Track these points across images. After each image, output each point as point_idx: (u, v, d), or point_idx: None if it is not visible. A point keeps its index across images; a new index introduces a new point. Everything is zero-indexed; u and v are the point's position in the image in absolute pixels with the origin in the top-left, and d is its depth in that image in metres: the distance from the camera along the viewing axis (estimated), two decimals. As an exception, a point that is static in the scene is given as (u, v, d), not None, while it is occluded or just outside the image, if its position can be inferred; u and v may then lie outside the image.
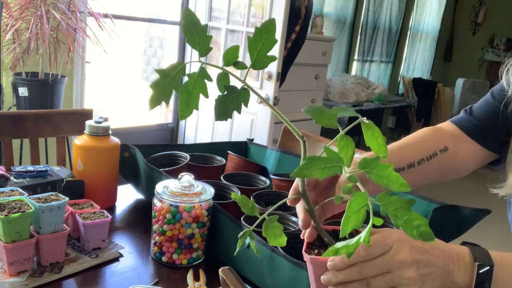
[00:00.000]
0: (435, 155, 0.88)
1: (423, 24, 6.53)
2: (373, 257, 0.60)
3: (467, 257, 0.64)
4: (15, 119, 1.53)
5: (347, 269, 0.60)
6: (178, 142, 3.64)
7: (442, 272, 0.61)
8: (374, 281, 0.60)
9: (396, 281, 0.60)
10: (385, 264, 0.60)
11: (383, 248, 0.60)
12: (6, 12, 2.25)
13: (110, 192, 1.25)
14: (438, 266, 0.61)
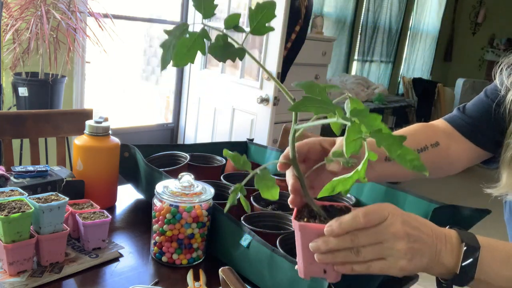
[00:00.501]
0: (425, 149, 0.89)
1: (423, 24, 6.53)
2: (370, 225, 0.60)
3: (454, 239, 0.64)
4: (15, 119, 1.53)
5: (339, 237, 0.60)
6: (178, 142, 3.64)
7: (431, 250, 0.62)
8: (364, 250, 0.60)
9: (386, 253, 0.60)
10: (378, 234, 0.60)
11: (379, 217, 0.60)
12: (6, 12, 2.25)
13: (110, 192, 1.25)
14: (427, 243, 0.62)
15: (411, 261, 0.60)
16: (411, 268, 0.61)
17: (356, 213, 0.60)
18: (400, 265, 0.60)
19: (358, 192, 1.22)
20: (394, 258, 0.60)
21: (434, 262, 0.63)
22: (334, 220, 0.61)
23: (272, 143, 2.76)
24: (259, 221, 1.05)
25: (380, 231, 0.60)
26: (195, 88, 3.36)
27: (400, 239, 0.60)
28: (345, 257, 0.61)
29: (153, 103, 5.21)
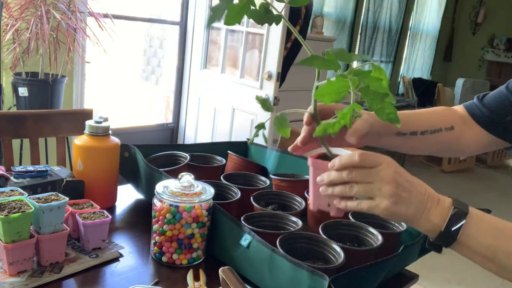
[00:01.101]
0: (439, 131, 0.93)
1: (423, 24, 6.53)
2: (364, 165, 0.68)
3: (447, 203, 0.71)
4: (15, 119, 1.53)
5: (339, 171, 0.70)
6: (178, 142, 3.64)
7: (418, 204, 0.69)
8: (356, 187, 0.69)
9: (374, 192, 0.68)
10: (370, 174, 0.68)
11: (374, 162, 0.69)
12: (6, 12, 2.25)
13: (110, 192, 1.25)
14: (416, 197, 0.69)
15: (395, 205, 0.67)
16: (394, 211, 0.68)
17: (355, 153, 0.68)
18: (384, 205, 0.68)
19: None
20: (380, 198, 0.68)
21: (421, 217, 0.69)
22: (337, 157, 0.70)
23: (272, 143, 2.76)
24: (259, 221, 1.05)
25: (372, 172, 0.68)
26: (195, 88, 3.36)
27: (388, 183, 0.67)
28: (341, 191, 0.70)
29: (153, 103, 5.21)
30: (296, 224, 1.04)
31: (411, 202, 0.68)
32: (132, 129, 3.50)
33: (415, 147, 0.93)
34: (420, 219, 0.70)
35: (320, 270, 0.80)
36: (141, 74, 5.83)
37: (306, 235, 0.99)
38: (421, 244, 1.01)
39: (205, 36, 3.24)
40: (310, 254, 0.96)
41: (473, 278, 2.97)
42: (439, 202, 0.70)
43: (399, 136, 0.89)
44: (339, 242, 0.97)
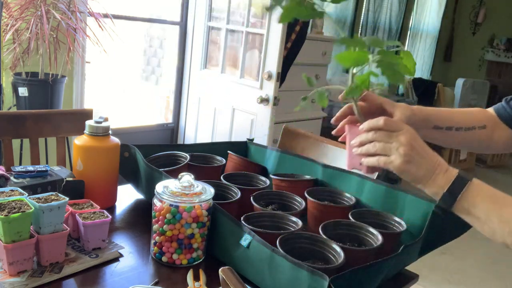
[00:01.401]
0: (473, 129, 1.04)
1: (423, 24, 6.53)
2: (387, 128, 0.81)
3: (454, 172, 0.81)
4: (15, 119, 1.53)
5: (367, 132, 0.84)
6: (178, 142, 3.64)
7: (428, 168, 0.80)
8: (378, 145, 0.82)
9: (392, 151, 0.81)
10: (390, 136, 0.81)
11: (395, 127, 0.82)
12: (6, 12, 2.25)
13: (110, 192, 1.25)
14: (427, 162, 0.81)
15: (407, 164, 0.80)
16: (406, 169, 0.80)
17: (381, 118, 0.82)
18: (398, 162, 0.80)
19: (358, 192, 1.23)
20: (396, 156, 0.80)
21: (428, 180, 0.81)
22: (366, 121, 0.84)
23: (272, 143, 2.76)
24: (259, 221, 1.05)
25: (392, 135, 0.81)
26: (195, 88, 3.36)
27: (404, 145, 0.80)
28: (367, 149, 0.83)
29: (153, 103, 5.21)
30: (296, 224, 1.04)
31: (422, 165, 0.80)
32: (132, 129, 3.50)
33: (449, 141, 1.05)
34: (428, 181, 0.81)
35: (320, 270, 0.80)
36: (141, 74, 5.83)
37: (306, 235, 0.99)
38: (421, 244, 1.01)
39: (205, 36, 3.24)
40: (310, 254, 0.96)
41: (473, 278, 2.97)
42: (447, 171, 0.81)
43: (436, 130, 1.00)
44: (339, 242, 0.97)
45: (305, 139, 1.68)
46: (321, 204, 1.16)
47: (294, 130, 1.77)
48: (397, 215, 1.13)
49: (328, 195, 1.24)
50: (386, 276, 0.95)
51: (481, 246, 3.40)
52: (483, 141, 1.06)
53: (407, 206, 1.13)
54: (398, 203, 1.15)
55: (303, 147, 1.70)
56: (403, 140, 0.80)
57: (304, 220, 1.15)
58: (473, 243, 3.38)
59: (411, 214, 1.12)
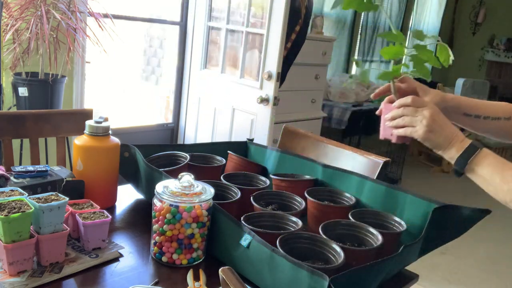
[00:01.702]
0: (498, 119, 1.15)
1: (423, 24, 6.52)
2: (414, 105, 0.97)
3: (468, 142, 0.95)
4: (15, 119, 1.53)
5: (397, 108, 0.99)
6: (178, 142, 3.63)
7: (446, 138, 0.96)
8: (406, 118, 0.97)
9: (417, 123, 0.96)
10: (416, 111, 0.96)
11: (421, 103, 0.97)
12: (6, 12, 2.25)
13: (110, 192, 1.25)
14: (445, 132, 0.96)
15: (429, 133, 0.95)
16: (427, 137, 0.95)
17: (409, 96, 0.99)
18: (422, 131, 0.95)
19: (358, 192, 1.23)
20: (420, 126, 0.95)
21: (446, 147, 0.96)
22: (397, 100, 1.00)
23: (272, 143, 2.76)
24: (259, 221, 1.05)
25: (418, 110, 0.97)
26: (195, 88, 3.36)
27: (427, 118, 0.95)
28: (397, 122, 0.99)
29: (153, 103, 5.21)
30: (296, 224, 1.04)
31: (441, 134, 0.95)
32: (132, 129, 3.50)
33: (476, 128, 1.17)
34: (446, 148, 0.96)
35: (320, 270, 0.80)
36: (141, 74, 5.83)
37: (306, 235, 0.99)
38: (421, 244, 1.01)
39: (205, 36, 3.24)
40: (310, 254, 0.96)
41: (473, 278, 2.97)
42: (463, 141, 0.95)
43: (466, 116, 1.13)
44: (339, 242, 0.97)
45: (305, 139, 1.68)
46: (321, 204, 1.16)
47: (294, 130, 1.77)
48: (397, 215, 1.13)
49: (328, 195, 1.24)
50: (386, 276, 0.95)
51: (481, 246, 3.40)
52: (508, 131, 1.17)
53: (407, 206, 1.13)
54: (398, 203, 1.15)
55: (303, 147, 1.70)
56: (426, 114, 0.95)
57: (304, 220, 1.15)
58: (473, 243, 3.38)
59: (411, 214, 1.12)
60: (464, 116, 1.13)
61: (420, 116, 0.96)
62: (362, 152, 1.55)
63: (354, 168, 1.47)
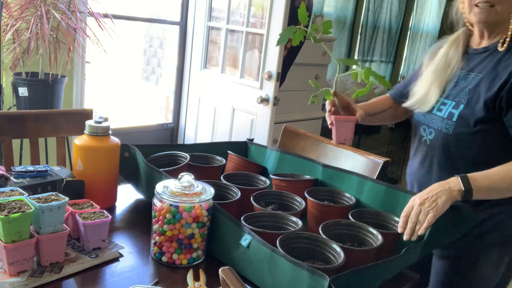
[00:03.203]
0: (384, 111, 1.49)
1: (423, 24, 6.52)
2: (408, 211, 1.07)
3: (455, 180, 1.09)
4: (15, 119, 1.53)
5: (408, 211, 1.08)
6: (178, 142, 3.63)
7: (444, 192, 1.06)
8: (413, 216, 1.05)
9: (426, 213, 1.03)
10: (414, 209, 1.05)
11: (410, 206, 1.07)
12: (6, 12, 2.25)
13: (110, 192, 1.25)
14: (439, 191, 1.06)
15: (437, 206, 1.04)
16: (441, 208, 1.04)
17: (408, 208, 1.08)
18: (434, 213, 1.03)
19: (358, 193, 1.23)
20: (431, 212, 1.03)
21: (450, 195, 1.06)
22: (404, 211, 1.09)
23: (272, 143, 2.76)
24: (259, 221, 1.05)
25: (414, 207, 1.06)
26: (195, 88, 3.36)
27: (421, 204, 1.05)
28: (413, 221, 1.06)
29: (153, 103, 5.21)
30: (296, 224, 1.04)
31: (440, 196, 1.05)
32: (132, 129, 3.50)
33: (377, 121, 1.51)
34: (452, 195, 1.06)
35: (320, 270, 0.80)
36: (141, 74, 5.83)
37: (306, 235, 0.99)
38: (422, 246, 1.01)
39: (205, 36, 3.24)
40: (310, 254, 0.96)
41: (473, 278, 2.96)
42: (451, 183, 1.08)
43: (369, 116, 1.42)
44: (339, 242, 0.97)
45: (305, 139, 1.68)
46: (321, 204, 1.16)
47: (294, 130, 1.77)
48: (397, 215, 1.13)
49: (328, 195, 1.24)
50: (386, 276, 0.95)
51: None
52: (393, 116, 1.52)
53: (407, 206, 1.13)
54: (398, 203, 1.15)
55: (303, 147, 1.70)
56: (417, 201, 1.06)
57: (304, 220, 1.15)
58: (473, 243, 3.38)
59: (411, 214, 1.12)
60: (368, 116, 1.41)
61: (419, 208, 1.05)
62: (362, 152, 1.55)
63: (354, 168, 1.47)
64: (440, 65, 1.30)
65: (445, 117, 1.23)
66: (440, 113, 1.25)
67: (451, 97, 1.25)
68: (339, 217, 1.11)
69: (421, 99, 1.30)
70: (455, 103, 1.22)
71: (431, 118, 1.28)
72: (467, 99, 1.20)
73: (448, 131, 1.22)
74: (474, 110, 1.17)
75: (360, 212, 1.14)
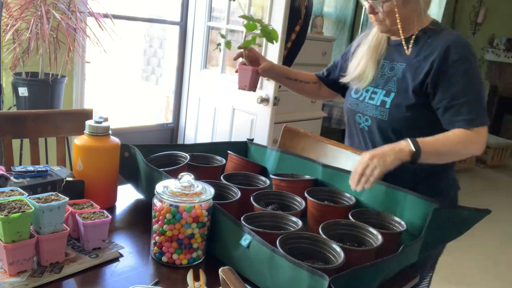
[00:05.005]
0: (307, 83, 1.65)
1: (423, 24, 6.52)
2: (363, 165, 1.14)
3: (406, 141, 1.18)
4: (15, 119, 1.53)
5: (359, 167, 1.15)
6: (178, 142, 3.63)
7: (392, 152, 1.15)
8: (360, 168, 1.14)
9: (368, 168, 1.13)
10: (363, 163, 1.14)
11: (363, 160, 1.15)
12: (6, 12, 2.25)
13: (110, 192, 1.25)
14: (387, 151, 1.15)
15: (385, 163, 1.13)
16: (388, 165, 1.13)
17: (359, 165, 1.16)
18: (380, 168, 1.12)
19: (358, 193, 1.22)
20: (378, 168, 1.12)
21: (398, 154, 1.15)
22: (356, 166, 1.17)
23: (272, 143, 2.76)
24: (259, 221, 1.05)
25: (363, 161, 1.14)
26: (195, 88, 3.36)
27: (371, 158, 1.13)
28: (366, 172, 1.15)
29: (153, 103, 5.21)
30: (296, 224, 1.04)
31: (388, 155, 1.14)
32: (132, 129, 3.50)
33: (295, 89, 1.66)
34: (400, 156, 1.15)
35: (320, 270, 0.80)
36: (141, 74, 5.83)
37: (306, 235, 0.99)
38: (421, 244, 1.01)
39: (205, 36, 3.25)
40: (310, 254, 0.96)
41: (473, 278, 2.97)
42: (401, 144, 1.17)
43: (288, 80, 1.61)
44: (339, 242, 0.97)
45: (305, 139, 1.68)
46: (321, 204, 1.16)
47: (294, 130, 1.76)
48: (397, 215, 1.13)
49: (328, 195, 1.24)
50: (386, 276, 0.95)
51: (481, 246, 3.40)
52: (314, 91, 1.68)
53: (407, 206, 1.13)
54: (398, 203, 1.15)
55: (303, 147, 1.70)
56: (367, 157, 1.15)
57: (304, 220, 1.15)
58: (473, 243, 3.38)
59: (411, 214, 1.12)
60: (287, 79, 1.60)
61: (367, 161, 1.13)
62: (362, 152, 1.55)
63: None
64: (373, 43, 1.42)
65: (378, 105, 1.35)
66: (373, 102, 1.37)
67: (381, 86, 1.37)
68: (339, 217, 1.11)
69: (359, 75, 1.42)
70: (385, 92, 1.35)
71: (365, 106, 1.39)
72: (397, 88, 1.33)
73: (383, 117, 1.34)
74: (405, 97, 1.30)
75: (360, 212, 1.14)
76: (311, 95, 1.74)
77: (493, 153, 5.52)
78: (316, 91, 1.68)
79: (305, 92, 1.70)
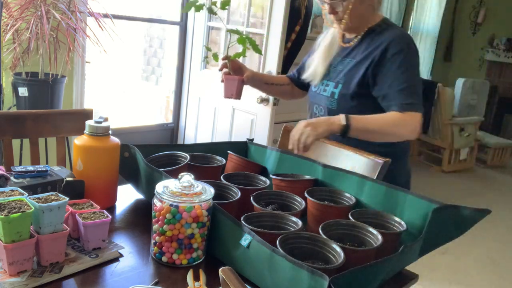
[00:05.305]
0: (281, 85, 1.82)
1: (423, 24, 6.52)
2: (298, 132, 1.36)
3: (341, 116, 1.37)
4: (15, 119, 1.53)
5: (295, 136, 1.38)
6: (178, 142, 3.64)
7: (325, 123, 1.36)
8: (296, 134, 1.36)
9: (303, 135, 1.34)
10: (298, 130, 1.35)
11: (297, 128, 1.36)
12: (6, 12, 2.25)
13: (110, 192, 1.25)
14: (321, 121, 1.36)
15: (317, 132, 1.34)
16: (319, 135, 1.34)
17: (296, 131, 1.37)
18: (312, 137, 1.33)
19: (358, 192, 1.22)
20: (310, 136, 1.33)
21: (330, 126, 1.35)
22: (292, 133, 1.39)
23: (272, 143, 2.76)
24: (259, 221, 1.05)
25: (298, 129, 1.35)
26: (195, 88, 3.36)
27: (305, 126, 1.34)
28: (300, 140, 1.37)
29: (153, 103, 5.21)
30: (296, 224, 1.04)
31: (319, 125, 1.35)
32: (132, 129, 3.50)
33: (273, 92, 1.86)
34: (331, 127, 1.35)
35: (320, 270, 0.80)
36: (141, 74, 5.83)
37: (306, 235, 0.99)
38: (421, 244, 1.01)
39: (205, 36, 3.25)
40: (310, 254, 0.96)
41: (473, 278, 2.97)
42: (335, 119, 1.37)
43: (266, 85, 1.77)
44: (339, 242, 0.97)
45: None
46: (321, 204, 1.16)
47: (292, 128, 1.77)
48: (397, 215, 1.13)
49: (328, 195, 1.24)
50: (386, 276, 0.95)
51: (481, 246, 3.40)
52: (289, 92, 1.84)
53: (407, 206, 1.13)
54: (398, 203, 1.15)
55: (303, 147, 1.70)
56: (302, 124, 1.34)
57: (304, 220, 1.15)
58: (473, 243, 3.38)
59: (411, 214, 1.12)
60: (265, 84, 1.76)
61: (300, 129, 1.33)
62: (362, 152, 1.55)
63: (354, 168, 1.46)
64: (328, 42, 1.59)
65: (329, 96, 1.54)
66: (325, 93, 1.56)
67: (332, 79, 1.56)
68: (339, 217, 1.11)
69: (311, 73, 1.61)
70: (335, 84, 1.53)
71: (320, 98, 1.59)
72: (344, 80, 1.50)
73: (333, 107, 1.52)
74: (350, 88, 1.48)
75: (360, 212, 1.14)
76: (287, 96, 1.87)
77: (493, 153, 5.52)
78: (290, 92, 1.84)
79: (281, 94, 1.88)
